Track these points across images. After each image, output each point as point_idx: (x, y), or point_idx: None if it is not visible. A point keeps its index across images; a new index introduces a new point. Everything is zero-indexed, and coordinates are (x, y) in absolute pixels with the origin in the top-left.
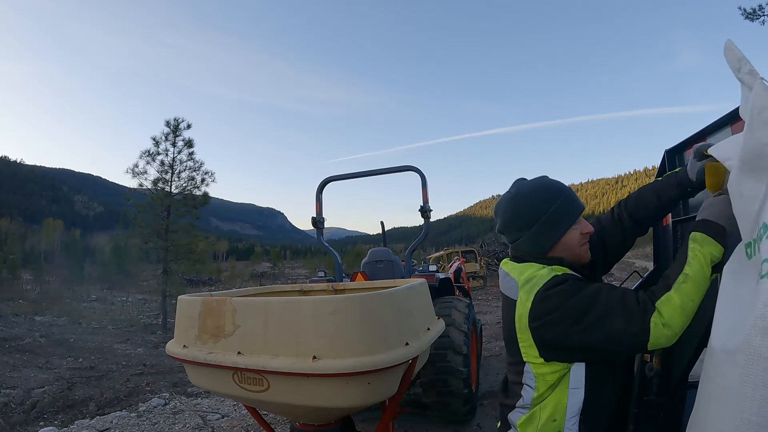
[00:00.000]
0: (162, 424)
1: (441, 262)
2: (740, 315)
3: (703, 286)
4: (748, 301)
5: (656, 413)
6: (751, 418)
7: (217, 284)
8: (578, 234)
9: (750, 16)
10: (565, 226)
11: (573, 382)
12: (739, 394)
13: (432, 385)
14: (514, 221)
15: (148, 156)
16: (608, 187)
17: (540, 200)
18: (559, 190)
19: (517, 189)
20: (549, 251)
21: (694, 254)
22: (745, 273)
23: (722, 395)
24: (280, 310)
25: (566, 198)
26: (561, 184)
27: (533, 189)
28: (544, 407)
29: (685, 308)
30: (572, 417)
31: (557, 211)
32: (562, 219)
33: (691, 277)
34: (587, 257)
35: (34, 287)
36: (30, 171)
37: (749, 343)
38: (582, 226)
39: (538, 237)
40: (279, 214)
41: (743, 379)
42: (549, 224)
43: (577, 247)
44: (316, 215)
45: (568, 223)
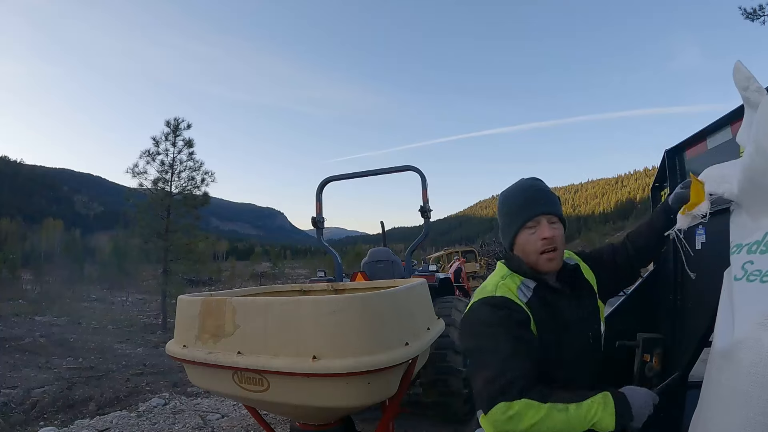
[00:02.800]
0: (162, 424)
1: (441, 262)
2: (746, 316)
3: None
4: (755, 302)
5: (656, 413)
6: (757, 418)
7: (217, 284)
8: (534, 239)
9: (750, 16)
10: (515, 227)
11: None
12: (744, 394)
13: (432, 385)
14: (498, 215)
15: (148, 156)
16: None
17: (506, 199)
18: (522, 191)
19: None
20: (511, 248)
21: (591, 405)
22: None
23: (727, 395)
24: (280, 310)
25: (523, 200)
26: (535, 187)
27: (510, 188)
28: None
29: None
30: None
31: (510, 210)
32: (512, 219)
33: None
34: (548, 268)
35: (34, 287)
36: (30, 171)
37: (756, 344)
38: (541, 230)
39: (501, 233)
40: (279, 214)
41: (749, 380)
42: (504, 223)
43: (533, 253)
44: (316, 215)
45: (517, 224)
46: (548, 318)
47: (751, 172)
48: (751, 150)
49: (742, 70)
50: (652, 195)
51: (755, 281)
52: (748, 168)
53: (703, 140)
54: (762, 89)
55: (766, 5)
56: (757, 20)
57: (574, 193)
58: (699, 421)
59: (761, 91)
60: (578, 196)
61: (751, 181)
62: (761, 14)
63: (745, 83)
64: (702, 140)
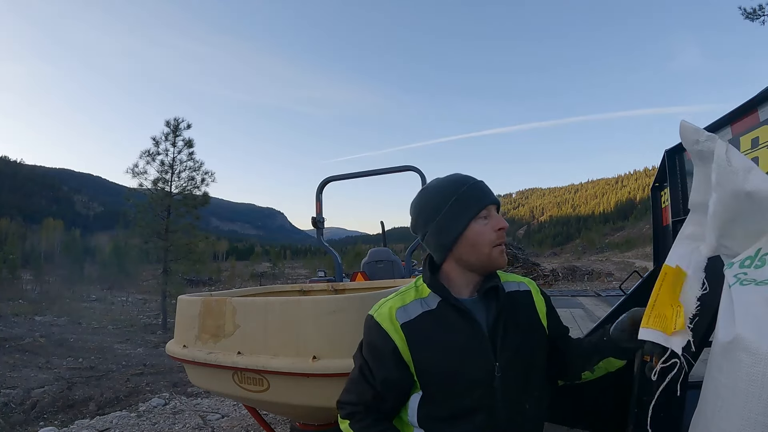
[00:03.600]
0: (162, 424)
1: None
2: (744, 315)
3: None
4: (749, 304)
5: (656, 413)
6: (758, 418)
7: (217, 284)
8: (488, 229)
9: (750, 16)
10: (468, 216)
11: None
12: (744, 393)
13: None
14: (420, 214)
15: (148, 156)
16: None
17: (446, 190)
18: (466, 181)
19: (428, 183)
20: (452, 246)
21: None
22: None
23: (727, 395)
24: (280, 310)
25: (472, 188)
26: (470, 177)
27: (441, 181)
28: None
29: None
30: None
31: (460, 198)
32: (464, 207)
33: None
34: (500, 263)
35: (34, 287)
36: (30, 171)
37: (755, 343)
38: (494, 221)
39: (440, 229)
40: (279, 214)
41: (749, 379)
42: (451, 213)
43: (487, 245)
44: (316, 215)
45: (471, 212)
46: (438, 341)
47: (722, 215)
48: (716, 197)
49: (687, 127)
50: (652, 195)
51: (749, 285)
52: (718, 216)
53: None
54: (713, 136)
55: (766, 5)
56: (757, 20)
57: (574, 193)
58: (699, 421)
59: (712, 138)
60: (578, 196)
61: (724, 221)
62: (761, 14)
63: (694, 137)
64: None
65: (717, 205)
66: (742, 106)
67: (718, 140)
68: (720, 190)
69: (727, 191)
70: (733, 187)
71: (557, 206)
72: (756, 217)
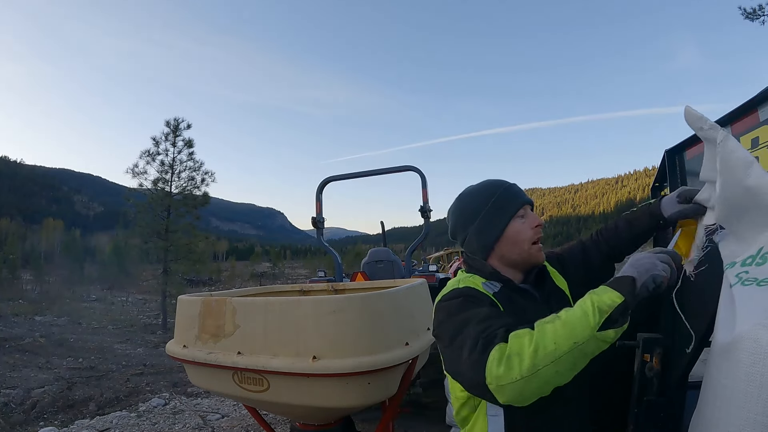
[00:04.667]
0: (162, 424)
1: (441, 262)
2: (744, 316)
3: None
4: (750, 303)
5: (656, 413)
6: (757, 418)
7: (217, 284)
8: (526, 227)
9: (750, 16)
10: (508, 216)
11: (491, 408)
12: (744, 393)
13: (432, 385)
14: (461, 218)
15: (148, 156)
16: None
17: (483, 194)
18: (501, 184)
19: (464, 190)
20: (494, 245)
21: (582, 300)
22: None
23: (727, 395)
24: (280, 310)
25: (508, 190)
26: (505, 181)
27: (477, 186)
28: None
29: (538, 348)
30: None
31: (498, 201)
32: (504, 207)
33: (563, 319)
34: (540, 258)
35: (34, 287)
36: (30, 171)
37: (754, 343)
38: (530, 219)
39: (481, 231)
40: (279, 214)
41: (748, 379)
42: (491, 215)
43: (526, 242)
44: (316, 215)
45: (510, 211)
46: (515, 318)
47: (726, 202)
48: (720, 183)
49: (692, 113)
50: (652, 195)
51: (751, 285)
52: (723, 199)
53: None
54: (715, 126)
55: (766, 5)
56: (757, 20)
57: (574, 193)
58: (698, 421)
59: (715, 128)
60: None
61: (729, 209)
62: (761, 14)
63: (698, 123)
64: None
65: (723, 190)
66: (742, 106)
67: (720, 131)
68: (723, 179)
69: (729, 183)
70: (734, 180)
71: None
72: (757, 212)
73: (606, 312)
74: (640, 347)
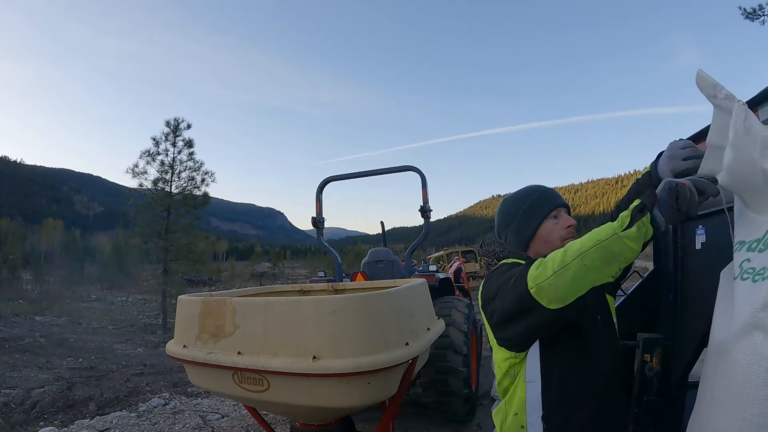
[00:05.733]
0: (162, 424)
1: (441, 262)
2: (739, 316)
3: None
4: (746, 302)
5: (656, 413)
6: (753, 419)
7: (217, 284)
8: (558, 227)
9: (750, 16)
10: (541, 215)
11: (529, 374)
12: (740, 394)
13: (432, 385)
14: (502, 219)
15: (148, 156)
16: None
17: (521, 198)
18: (538, 189)
19: (507, 195)
20: (529, 243)
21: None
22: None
23: (723, 396)
24: (280, 310)
25: (543, 194)
26: (542, 186)
27: (518, 191)
28: (509, 401)
29: (567, 250)
30: (533, 413)
31: (533, 203)
32: (538, 209)
33: (594, 232)
34: None
35: (34, 287)
36: (30, 171)
37: (750, 344)
38: (563, 220)
39: (518, 229)
40: (279, 214)
41: (744, 380)
42: (526, 216)
43: (558, 240)
44: (316, 215)
45: (543, 212)
46: None
47: (735, 176)
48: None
49: (706, 79)
50: None
51: (747, 280)
52: (732, 172)
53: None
54: (731, 95)
55: (766, 5)
56: (757, 20)
57: (574, 193)
58: (696, 421)
59: (730, 98)
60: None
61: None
62: (761, 14)
63: (712, 91)
64: (702, 139)
65: (734, 163)
66: None
67: (738, 103)
68: (736, 153)
69: (742, 157)
70: (748, 157)
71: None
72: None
73: (628, 215)
74: (640, 347)
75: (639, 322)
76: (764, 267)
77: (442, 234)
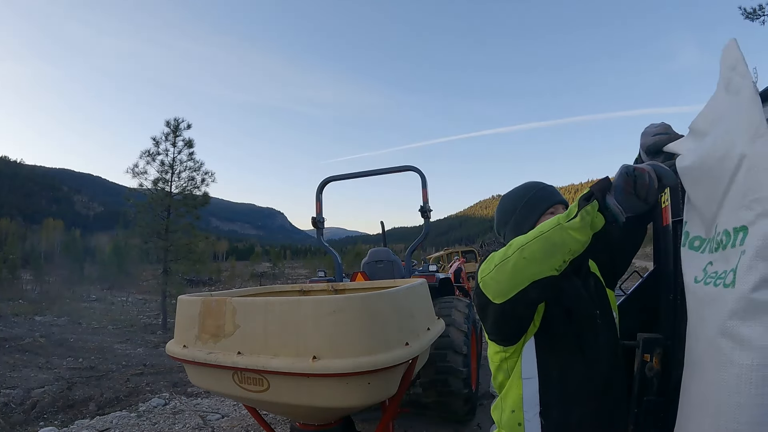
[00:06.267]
0: (162, 424)
1: (441, 262)
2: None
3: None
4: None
5: (656, 413)
6: (728, 425)
7: (217, 284)
8: None
9: (750, 16)
10: (539, 212)
11: (525, 371)
12: (713, 401)
13: (432, 385)
14: (501, 216)
15: (148, 156)
16: None
17: (519, 194)
18: (536, 185)
19: (506, 192)
20: None
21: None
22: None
23: (698, 402)
24: (280, 310)
25: (541, 191)
26: (541, 183)
27: (516, 188)
28: (505, 397)
29: (512, 244)
30: (530, 410)
31: (531, 199)
32: (535, 205)
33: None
34: None
35: (34, 287)
36: (30, 171)
37: (719, 352)
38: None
39: (516, 226)
40: (279, 214)
41: (715, 388)
42: (524, 212)
43: None
44: (316, 215)
45: (541, 209)
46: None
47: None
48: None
49: (734, 50)
50: None
51: (710, 284)
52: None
53: None
54: (748, 75)
55: (766, 5)
56: (757, 20)
57: (574, 193)
58: (679, 429)
59: (747, 77)
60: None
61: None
62: (761, 14)
63: (732, 62)
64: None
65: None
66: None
67: (751, 87)
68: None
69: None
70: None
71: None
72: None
73: (575, 205)
74: (640, 347)
75: (639, 322)
76: (725, 271)
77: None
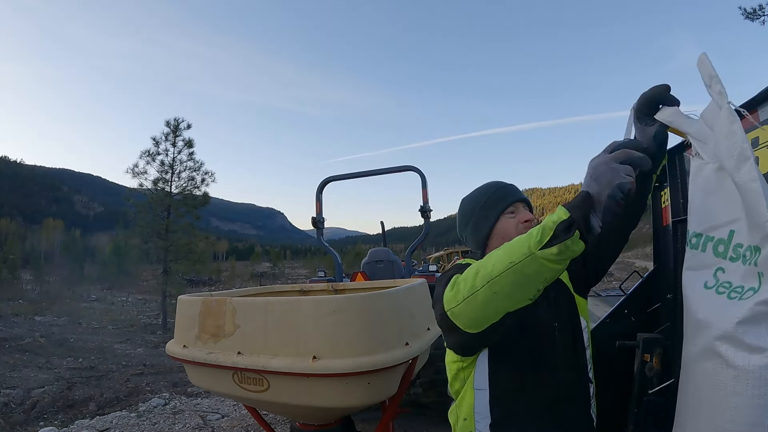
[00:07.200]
0: (162, 424)
1: (441, 262)
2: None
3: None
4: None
5: (656, 413)
6: (724, 426)
7: (217, 284)
8: (514, 223)
9: (750, 16)
10: (497, 212)
11: (477, 381)
12: (710, 402)
13: (432, 385)
14: (461, 219)
15: (148, 156)
16: None
17: (477, 196)
18: (494, 185)
19: (466, 195)
20: (487, 241)
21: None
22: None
23: (694, 404)
24: (280, 310)
25: (500, 189)
26: (500, 182)
27: (475, 189)
28: (459, 404)
29: (479, 270)
30: (482, 421)
31: (489, 199)
32: (493, 206)
33: (509, 242)
34: None
35: (34, 287)
36: (30, 171)
37: (719, 355)
38: (521, 215)
39: (475, 227)
40: (279, 214)
41: (714, 389)
42: (483, 212)
43: (515, 235)
44: (316, 215)
45: (499, 209)
46: None
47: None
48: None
49: (707, 66)
50: (652, 195)
51: (723, 295)
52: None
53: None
54: (724, 93)
55: (766, 5)
56: (757, 20)
57: (574, 193)
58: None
59: (723, 96)
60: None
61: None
62: (761, 14)
63: (708, 81)
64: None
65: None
66: (742, 106)
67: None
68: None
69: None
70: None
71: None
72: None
73: (550, 229)
74: (640, 347)
75: (639, 322)
76: (742, 286)
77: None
